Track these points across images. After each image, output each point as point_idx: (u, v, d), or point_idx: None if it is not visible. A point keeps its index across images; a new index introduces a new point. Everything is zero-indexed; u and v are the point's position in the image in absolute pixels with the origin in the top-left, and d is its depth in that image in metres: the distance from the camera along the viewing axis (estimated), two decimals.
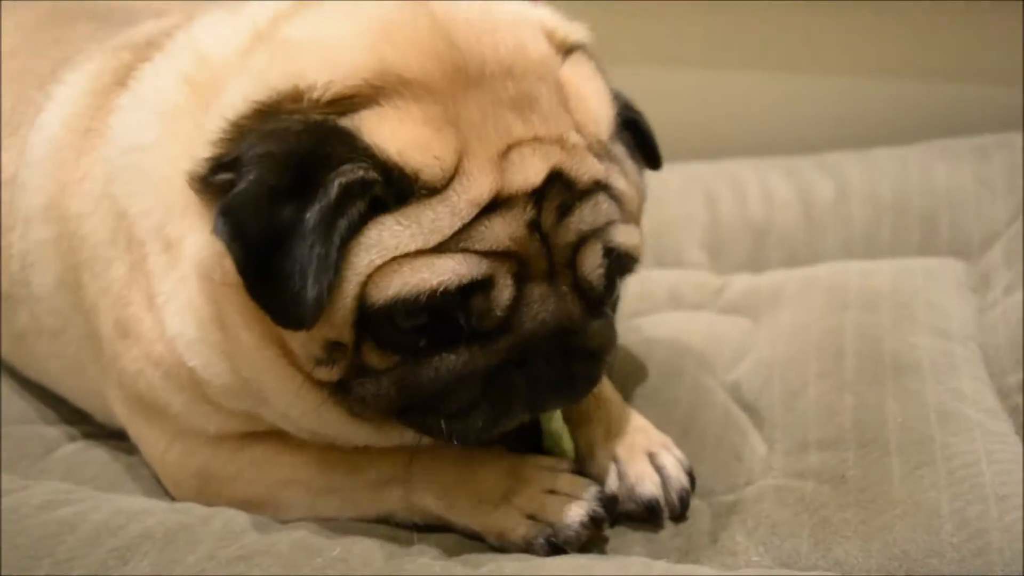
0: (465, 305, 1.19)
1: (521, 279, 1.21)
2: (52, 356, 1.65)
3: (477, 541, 1.36)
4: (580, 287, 1.25)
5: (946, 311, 1.72)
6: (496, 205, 1.20)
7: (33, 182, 1.55)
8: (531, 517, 1.33)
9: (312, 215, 1.15)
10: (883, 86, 2.36)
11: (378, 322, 1.21)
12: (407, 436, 1.34)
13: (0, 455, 1.59)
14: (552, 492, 1.35)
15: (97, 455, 1.61)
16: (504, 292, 1.20)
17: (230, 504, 1.43)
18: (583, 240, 1.24)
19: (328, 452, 1.41)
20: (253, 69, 1.28)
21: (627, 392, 1.56)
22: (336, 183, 1.15)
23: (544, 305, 1.22)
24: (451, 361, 1.23)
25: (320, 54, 1.24)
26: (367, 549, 1.28)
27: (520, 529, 1.32)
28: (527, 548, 1.32)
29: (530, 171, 1.21)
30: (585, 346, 1.27)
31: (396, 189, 1.18)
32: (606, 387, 1.52)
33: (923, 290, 1.77)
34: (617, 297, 1.35)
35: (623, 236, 1.27)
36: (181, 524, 1.32)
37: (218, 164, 1.24)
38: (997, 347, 1.66)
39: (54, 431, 1.68)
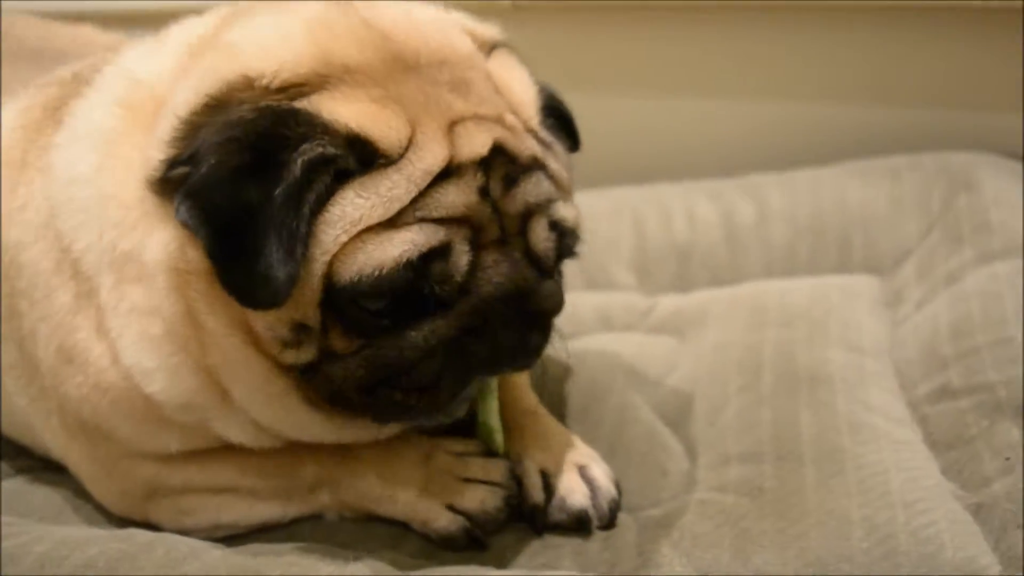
0: (426, 273, 1.24)
1: (476, 245, 1.27)
2: None
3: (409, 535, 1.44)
4: (531, 256, 1.32)
5: (859, 326, 1.80)
6: (448, 173, 1.26)
7: None
8: (450, 507, 1.43)
9: (280, 192, 1.19)
10: (804, 109, 2.43)
11: (343, 303, 1.26)
12: (363, 430, 1.41)
13: None
14: (467, 479, 1.44)
15: (37, 488, 1.63)
16: (462, 257, 1.26)
17: (172, 514, 1.49)
18: (530, 213, 1.31)
19: (267, 459, 1.47)
20: (200, 70, 1.32)
21: (556, 410, 1.61)
22: (299, 160, 1.20)
23: (498, 269, 1.28)
24: (415, 336, 1.28)
25: (264, 49, 1.29)
26: (308, 571, 1.32)
27: (441, 520, 1.42)
28: (448, 539, 1.42)
29: (476, 142, 1.28)
30: (539, 308, 1.33)
31: (359, 159, 1.23)
32: (534, 401, 1.59)
33: (837, 307, 1.84)
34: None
35: (564, 211, 1.35)
36: (123, 552, 1.35)
37: (173, 161, 1.28)
38: (908, 361, 1.73)
39: None
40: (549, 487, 1.46)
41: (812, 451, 1.49)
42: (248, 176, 1.21)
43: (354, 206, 1.23)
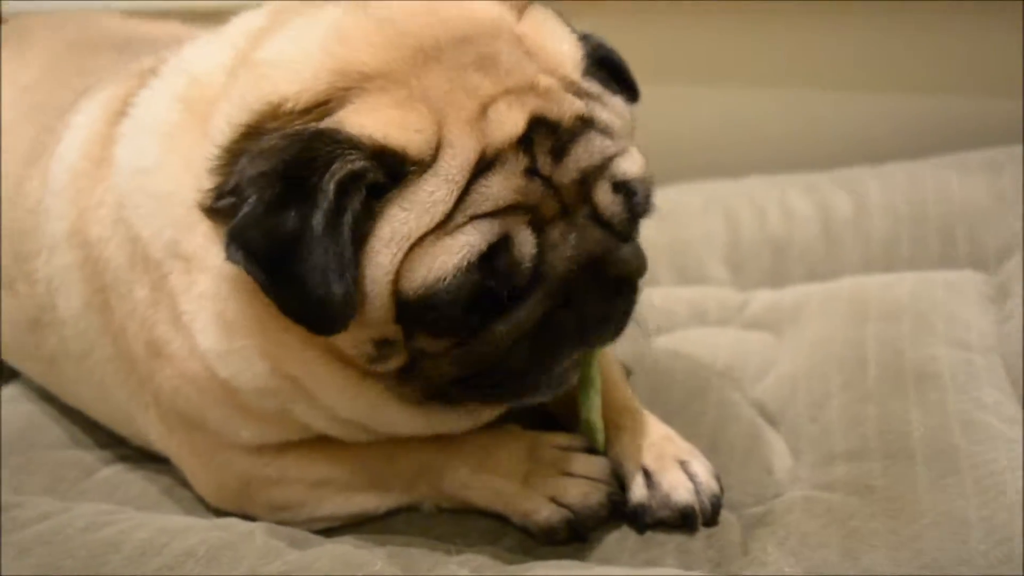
0: (493, 269, 1.22)
1: (538, 226, 1.24)
2: (80, 381, 1.68)
3: (514, 533, 1.43)
4: (600, 221, 1.28)
5: (966, 322, 1.74)
6: (488, 164, 1.23)
7: (56, 209, 1.59)
8: (552, 500, 1.40)
9: (317, 220, 1.18)
10: (896, 101, 2.38)
11: (420, 312, 1.24)
12: (458, 421, 1.41)
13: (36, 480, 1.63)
14: (570, 474, 1.42)
15: (135, 477, 1.64)
16: (525, 244, 1.23)
17: (269, 507, 1.48)
18: (589, 177, 1.27)
19: (362, 448, 1.46)
20: (234, 94, 1.32)
21: (653, 407, 1.58)
22: (331, 183, 1.18)
23: (568, 243, 1.25)
24: (502, 329, 1.26)
25: (287, 69, 1.28)
26: (406, 564, 1.31)
27: (543, 512, 1.40)
28: (550, 531, 1.40)
29: (508, 122, 1.24)
30: (620, 273, 1.30)
31: (388, 170, 1.21)
32: (633, 399, 1.56)
33: (943, 302, 1.79)
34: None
35: (627, 165, 1.30)
36: (223, 541, 1.35)
37: (220, 192, 1.28)
38: (1016, 357, 1.67)
39: (91, 456, 1.71)
40: (651, 484, 1.43)
41: (923, 450, 1.44)
42: (284, 207, 1.20)
43: (400, 221, 1.21)
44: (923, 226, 2.07)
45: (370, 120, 1.21)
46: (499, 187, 1.22)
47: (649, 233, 2.12)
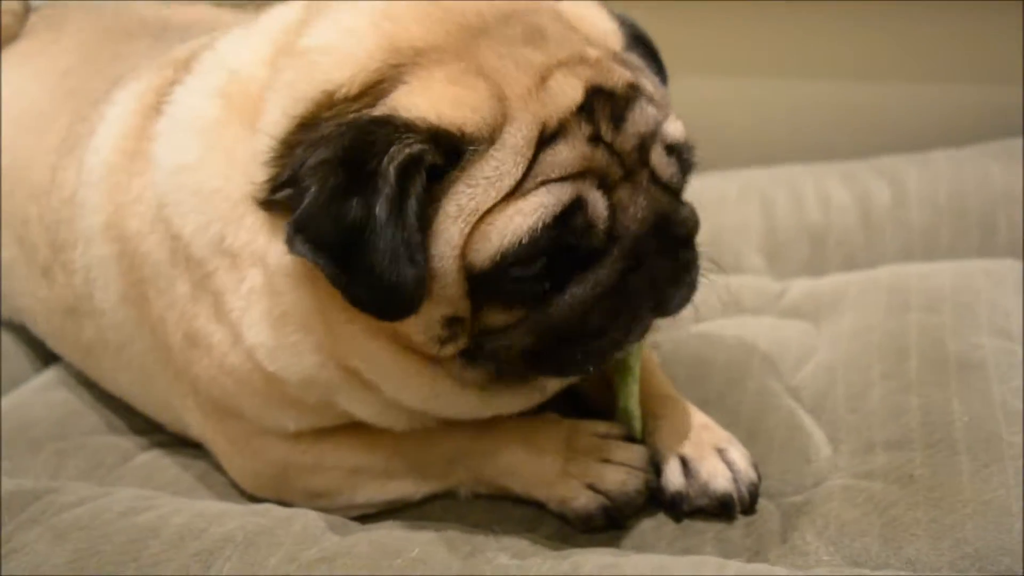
0: (569, 230, 1.23)
1: (607, 190, 1.26)
2: (119, 369, 1.69)
3: (543, 516, 1.44)
4: (659, 183, 1.30)
5: (1007, 311, 1.72)
6: (553, 134, 1.24)
7: (91, 201, 1.59)
8: (590, 487, 1.40)
9: (380, 207, 1.18)
10: (937, 90, 2.36)
11: (493, 282, 1.25)
12: (520, 400, 1.42)
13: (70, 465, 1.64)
14: (608, 461, 1.42)
15: (171, 463, 1.65)
16: (599, 204, 1.25)
17: (306, 494, 1.49)
18: (645, 142, 1.29)
19: (399, 434, 1.46)
20: (283, 84, 1.32)
21: (691, 396, 1.57)
22: (391, 168, 1.18)
23: (639, 205, 1.28)
24: (579, 292, 1.27)
25: (337, 54, 1.28)
26: (444, 550, 1.31)
27: (581, 499, 1.40)
28: (587, 518, 1.40)
29: (568, 92, 1.25)
30: (682, 232, 1.32)
31: (447, 150, 1.21)
32: (670, 387, 1.56)
33: (984, 291, 1.76)
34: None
35: (673, 130, 1.32)
36: (261, 527, 1.35)
37: (276, 183, 1.28)
38: None
39: (127, 441, 1.72)
40: (689, 472, 1.42)
41: (966, 439, 1.43)
42: (347, 195, 1.20)
43: (467, 196, 1.22)
44: (963, 215, 2.04)
45: (424, 100, 1.22)
46: (567, 154, 1.24)
47: None
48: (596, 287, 1.27)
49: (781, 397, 1.61)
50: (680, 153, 1.32)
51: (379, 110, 1.22)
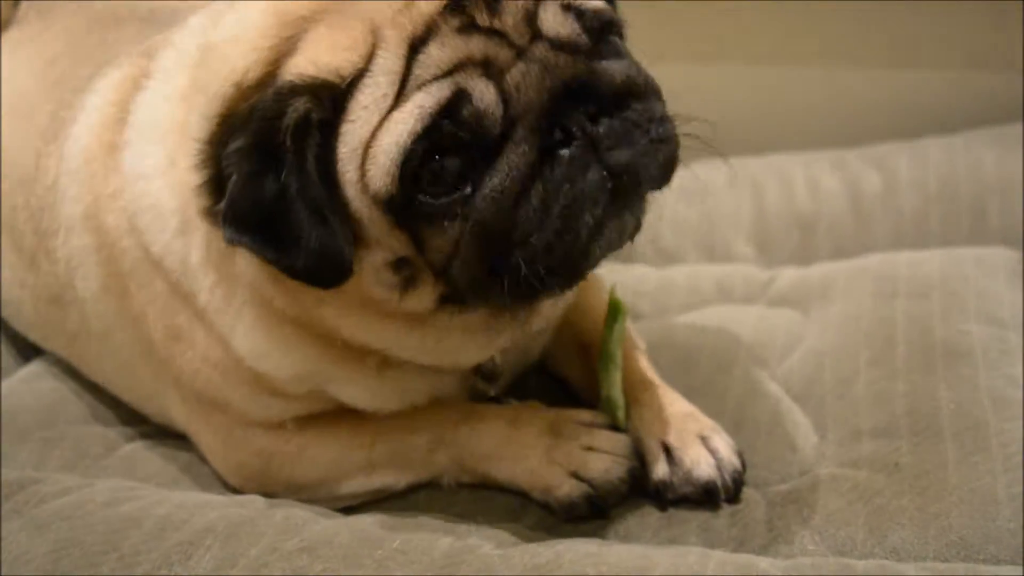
0: (460, 125, 1.19)
1: (495, 74, 1.20)
2: (103, 358, 1.68)
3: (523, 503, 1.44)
4: (560, 47, 1.22)
5: (998, 299, 1.71)
6: (422, 39, 1.20)
7: (71, 191, 1.59)
8: (573, 475, 1.39)
9: (288, 177, 1.19)
10: (928, 76, 2.34)
11: (408, 204, 1.21)
12: (518, 333, 1.39)
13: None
14: (591, 449, 1.41)
15: (155, 454, 1.64)
16: (486, 92, 1.19)
17: (290, 486, 1.48)
18: (530, 12, 1.22)
19: (383, 420, 1.46)
20: (202, 85, 1.32)
21: (677, 384, 1.56)
22: (287, 136, 1.19)
23: (530, 75, 1.19)
24: (498, 180, 1.20)
25: (238, 44, 1.28)
26: (426, 540, 1.30)
27: (564, 487, 1.39)
28: (570, 506, 1.39)
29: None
30: (611, 88, 1.22)
31: (333, 98, 1.20)
32: (653, 374, 1.55)
33: (973, 278, 1.75)
34: (624, 55, 1.28)
35: None
36: (243, 517, 1.34)
37: (211, 186, 1.27)
38: None
39: (113, 432, 1.71)
40: (673, 459, 1.41)
41: (952, 426, 1.42)
42: (263, 175, 1.20)
43: (352, 131, 1.21)
44: (954, 202, 2.04)
45: (304, 59, 1.22)
46: (436, 53, 1.20)
47: (674, 209, 2.14)
48: (511, 172, 1.19)
49: (768, 385, 1.61)
50: (579, 12, 1.23)
51: (275, 84, 1.23)
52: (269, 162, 1.20)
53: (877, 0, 2.31)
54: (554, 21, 1.22)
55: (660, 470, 1.41)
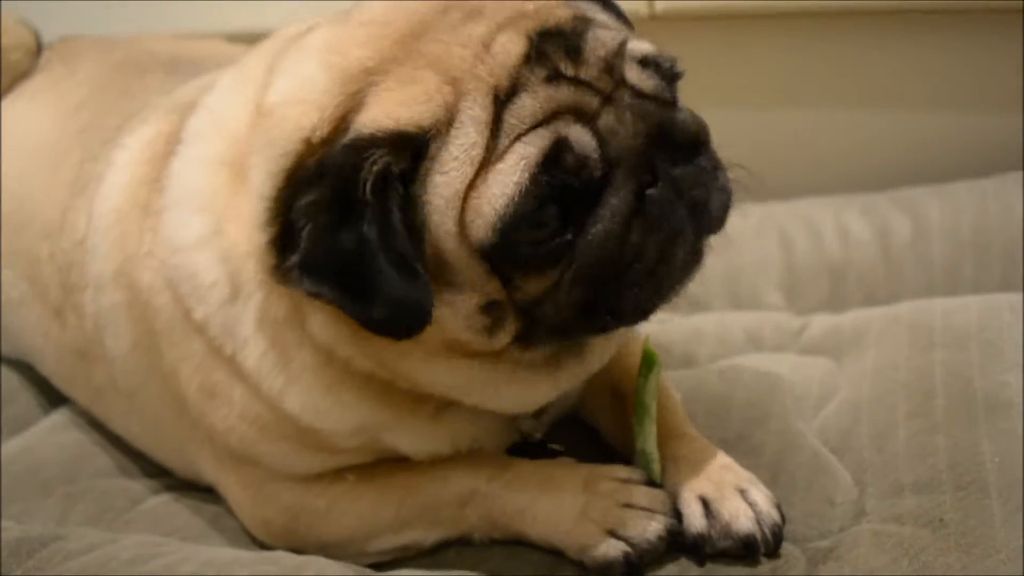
0: (563, 172, 1.21)
1: (589, 121, 1.23)
2: (130, 414, 1.67)
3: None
4: (643, 96, 1.27)
5: None
6: (511, 91, 1.22)
7: (101, 249, 1.58)
8: (610, 533, 1.36)
9: (369, 230, 1.20)
10: (958, 119, 2.33)
11: (510, 251, 1.23)
12: (584, 368, 1.40)
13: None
14: (628, 506, 1.37)
15: (181, 507, 1.63)
16: (583, 137, 1.23)
17: (318, 542, 1.45)
18: (611, 63, 1.26)
19: (413, 474, 1.44)
20: (263, 145, 1.31)
21: (711, 436, 1.53)
22: (367, 189, 1.19)
23: (625, 121, 1.24)
24: (600, 228, 1.24)
25: (301, 103, 1.28)
26: None
27: (600, 546, 1.36)
28: (607, 567, 1.35)
29: (510, 48, 1.24)
30: (688, 136, 1.28)
31: (413, 150, 1.21)
32: (688, 426, 1.52)
33: (1010, 326, 1.72)
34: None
35: (639, 44, 1.30)
36: None
37: (279, 243, 1.26)
38: None
39: (137, 484, 1.69)
40: (710, 513, 1.38)
41: (997, 481, 1.38)
42: (340, 227, 1.21)
43: (445, 183, 1.21)
44: (986, 248, 2.00)
45: (380, 111, 1.23)
46: (529, 104, 1.22)
47: None
48: (615, 216, 1.24)
49: (804, 437, 1.57)
50: (657, 64, 1.29)
51: (346, 138, 1.23)
52: (346, 214, 1.20)
53: (906, 40, 2.30)
54: (635, 72, 1.27)
55: (698, 524, 1.37)
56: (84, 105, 1.89)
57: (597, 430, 1.60)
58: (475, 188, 1.21)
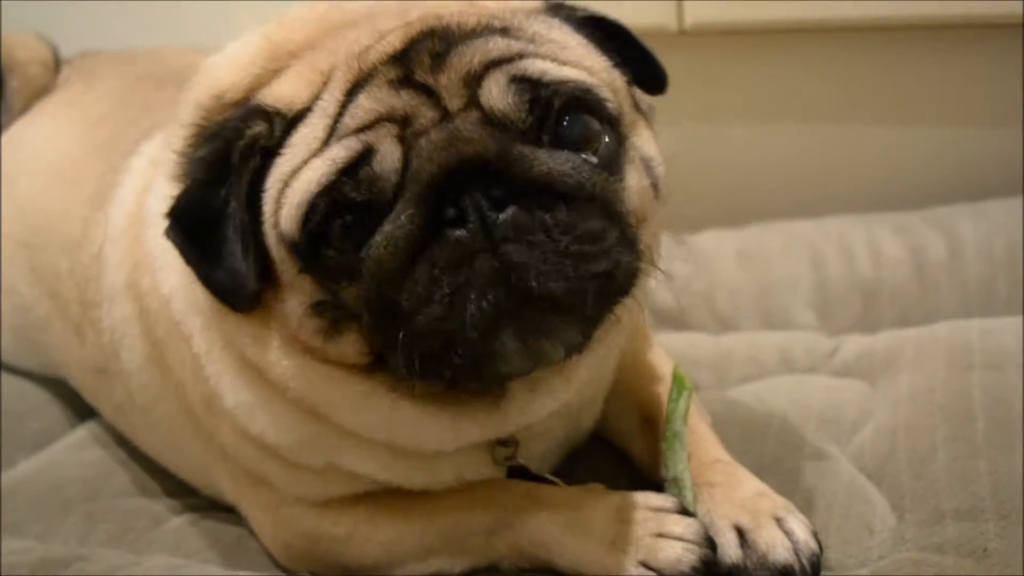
0: (355, 184, 1.16)
1: (410, 136, 1.16)
2: (149, 430, 1.66)
3: None
4: (494, 120, 1.17)
5: None
6: (359, 85, 1.20)
7: (114, 258, 1.57)
8: (642, 563, 1.31)
9: (230, 193, 1.21)
10: (992, 136, 2.30)
11: (314, 252, 1.19)
12: (474, 426, 1.30)
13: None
14: (661, 535, 1.32)
15: (204, 528, 1.60)
16: (390, 153, 1.15)
17: (340, 569, 1.42)
18: (476, 73, 1.18)
19: (436, 502, 1.40)
20: (187, 98, 1.33)
21: (744, 461, 1.49)
22: (237, 154, 1.21)
23: (432, 145, 1.14)
24: (374, 251, 1.15)
25: (229, 63, 1.31)
26: None
27: None
28: None
29: (388, 44, 1.21)
30: (526, 176, 1.14)
31: (282, 130, 1.21)
32: (721, 451, 1.48)
33: None
34: (593, 139, 1.21)
35: (540, 65, 1.20)
36: None
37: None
38: None
39: (159, 504, 1.68)
40: (746, 542, 1.34)
41: None
42: (212, 185, 1.22)
43: (278, 166, 1.21)
44: (1019, 267, 1.97)
45: (278, 88, 1.24)
46: (364, 103, 1.19)
47: (731, 275, 2.09)
48: (389, 244, 1.13)
49: (840, 462, 1.54)
50: (537, 85, 1.17)
51: (246, 106, 1.25)
52: (221, 175, 1.22)
53: (938, 57, 2.27)
54: (493, 89, 1.18)
55: (733, 554, 1.33)
56: (105, 119, 1.88)
57: (628, 457, 1.57)
58: (293, 177, 1.19)
